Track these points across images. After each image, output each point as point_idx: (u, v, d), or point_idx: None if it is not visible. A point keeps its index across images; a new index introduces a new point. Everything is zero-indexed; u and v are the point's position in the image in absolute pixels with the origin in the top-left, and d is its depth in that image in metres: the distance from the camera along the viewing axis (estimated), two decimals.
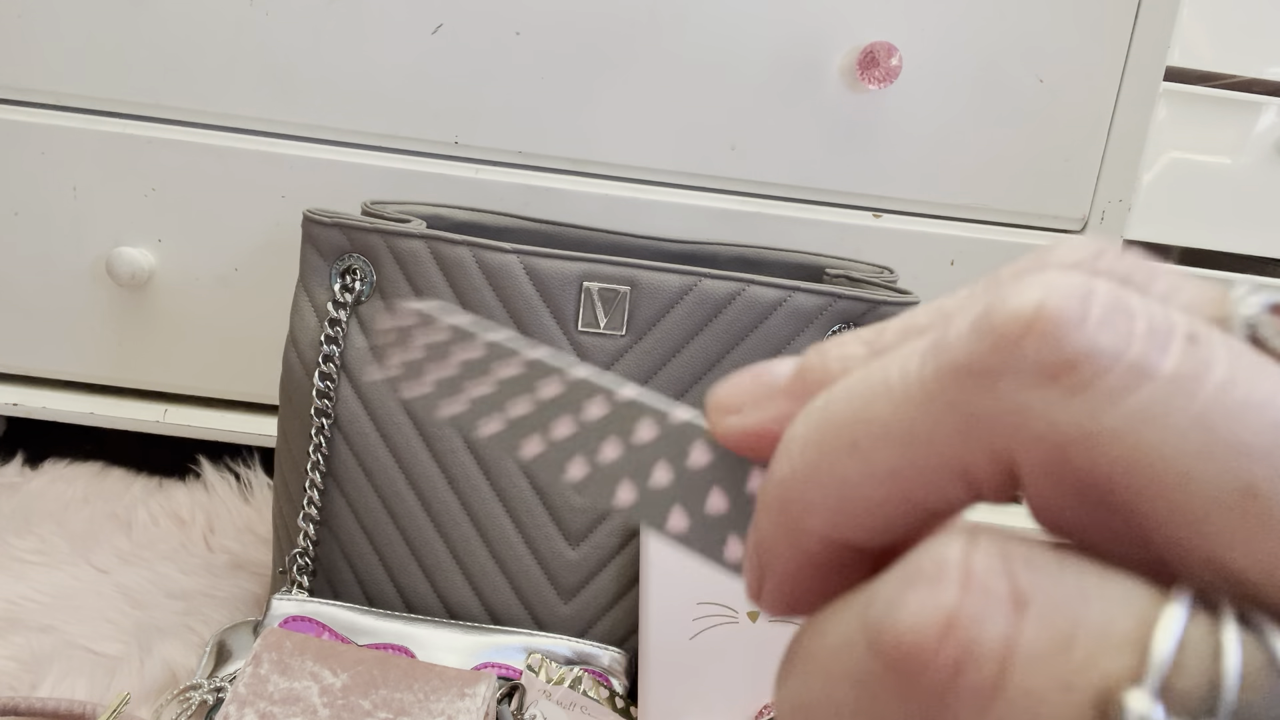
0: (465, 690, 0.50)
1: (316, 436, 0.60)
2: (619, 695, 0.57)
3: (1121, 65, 0.78)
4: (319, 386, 0.59)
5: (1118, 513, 0.13)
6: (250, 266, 0.78)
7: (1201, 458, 0.12)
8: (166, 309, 0.79)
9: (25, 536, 0.72)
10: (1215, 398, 0.12)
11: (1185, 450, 0.12)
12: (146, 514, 0.77)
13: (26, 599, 0.65)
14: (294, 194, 0.77)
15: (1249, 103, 0.81)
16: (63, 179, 0.76)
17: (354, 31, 0.74)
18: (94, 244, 0.78)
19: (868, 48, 0.74)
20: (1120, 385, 0.12)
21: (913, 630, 0.12)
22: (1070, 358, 0.12)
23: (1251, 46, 0.81)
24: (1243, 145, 0.82)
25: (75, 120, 0.76)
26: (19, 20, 0.74)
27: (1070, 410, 0.12)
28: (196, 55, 0.75)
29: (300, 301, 0.61)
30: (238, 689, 0.47)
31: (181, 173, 0.76)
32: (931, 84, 0.77)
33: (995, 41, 0.76)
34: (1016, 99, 0.78)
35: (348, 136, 0.77)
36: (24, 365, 0.81)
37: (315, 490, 0.60)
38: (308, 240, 0.61)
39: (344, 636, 0.57)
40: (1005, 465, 0.13)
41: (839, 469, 0.14)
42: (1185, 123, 0.82)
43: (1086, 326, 0.12)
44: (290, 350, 0.61)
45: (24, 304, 0.79)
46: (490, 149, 0.77)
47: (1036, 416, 0.12)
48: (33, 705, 0.55)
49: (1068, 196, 0.80)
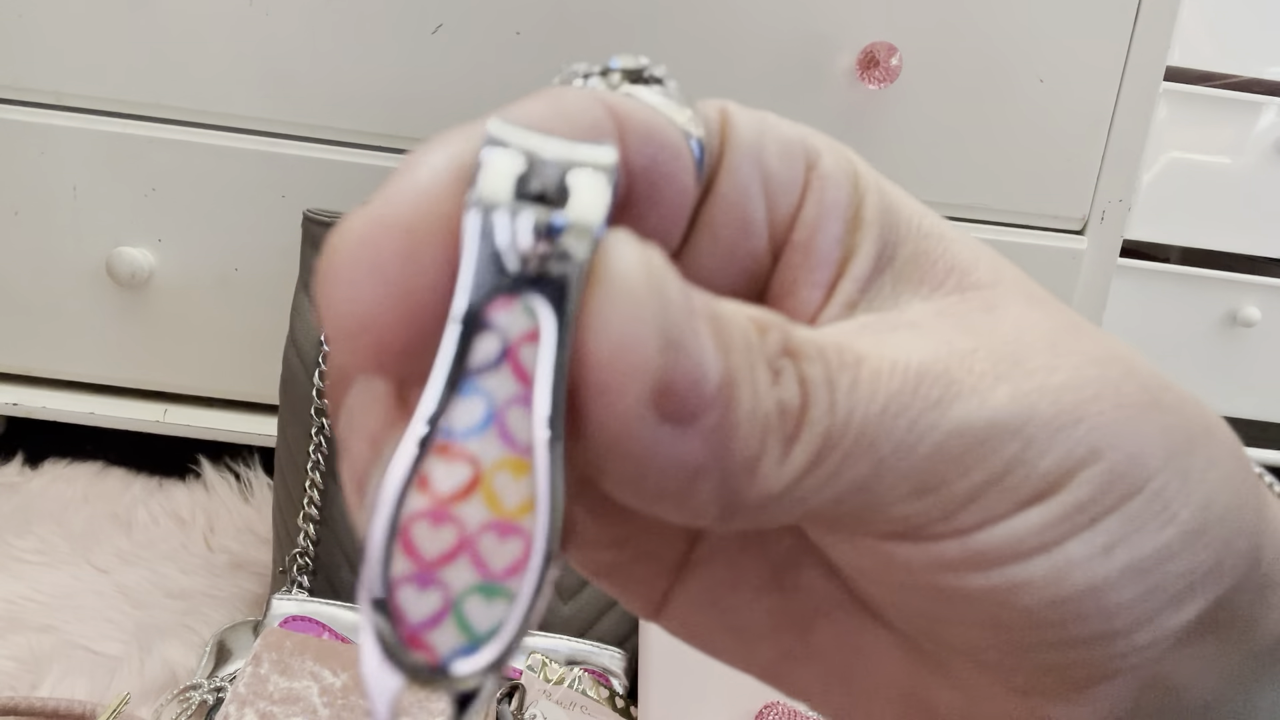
0: None
1: (316, 436, 0.60)
2: (619, 695, 0.57)
3: (1121, 65, 0.78)
4: (319, 386, 0.59)
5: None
6: (250, 266, 0.78)
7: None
8: (166, 309, 0.79)
9: (25, 536, 0.72)
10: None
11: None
12: (146, 514, 0.77)
13: (26, 599, 0.65)
14: (294, 194, 0.77)
15: (1249, 103, 0.81)
16: (63, 179, 0.76)
17: (354, 31, 0.74)
18: (94, 244, 0.78)
19: (868, 48, 0.74)
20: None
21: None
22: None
23: (1251, 46, 0.81)
24: (1243, 145, 0.82)
25: (75, 120, 0.76)
26: (19, 20, 0.74)
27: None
28: (196, 55, 0.75)
29: (300, 301, 0.61)
30: (238, 689, 0.47)
31: (181, 173, 0.76)
32: (931, 84, 0.77)
33: (995, 41, 0.76)
34: (1016, 99, 0.77)
35: (348, 136, 0.77)
36: (24, 365, 0.81)
37: (315, 490, 0.60)
38: (308, 240, 0.61)
39: (344, 636, 0.57)
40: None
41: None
42: (1185, 123, 0.82)
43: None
44: (290, 350, 0.61)
45: (24, 304, 0.79)
46: None
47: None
48: (33, 705, 0.55)
49: (1068, 196, 0.80)
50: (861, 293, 0.16)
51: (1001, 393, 0.14)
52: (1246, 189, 0.83)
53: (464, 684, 0.12)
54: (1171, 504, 0.14)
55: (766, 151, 0.16)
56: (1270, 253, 0.85)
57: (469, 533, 0.12)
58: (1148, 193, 0.83)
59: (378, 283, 0.12)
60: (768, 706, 0.57)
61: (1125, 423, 0.14)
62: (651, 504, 0.13)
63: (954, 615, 0.15)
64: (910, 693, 0.17)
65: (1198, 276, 0.85)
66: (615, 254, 0.12)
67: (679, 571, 0.18)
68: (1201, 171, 0.83)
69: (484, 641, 0.12)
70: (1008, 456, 0.14)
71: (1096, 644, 0.15)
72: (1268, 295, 0.85)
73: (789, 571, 0.18)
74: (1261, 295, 0.85)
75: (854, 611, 0.18)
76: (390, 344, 0.12)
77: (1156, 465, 0.14)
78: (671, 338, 0.12)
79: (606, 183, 0.13)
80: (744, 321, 0.13)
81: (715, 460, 0.13)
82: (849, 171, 0.16)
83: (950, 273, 0.16)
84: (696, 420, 0.12)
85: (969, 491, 0.14)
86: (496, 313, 0.12)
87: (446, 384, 0.12)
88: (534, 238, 0.12)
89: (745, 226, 0.16)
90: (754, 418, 0.13)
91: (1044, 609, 0.14)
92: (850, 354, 0.14)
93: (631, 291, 0.12)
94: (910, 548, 0.14)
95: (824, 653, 0.18)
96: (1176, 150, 0.82)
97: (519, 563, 0.12)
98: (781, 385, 0.13)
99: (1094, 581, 0.14)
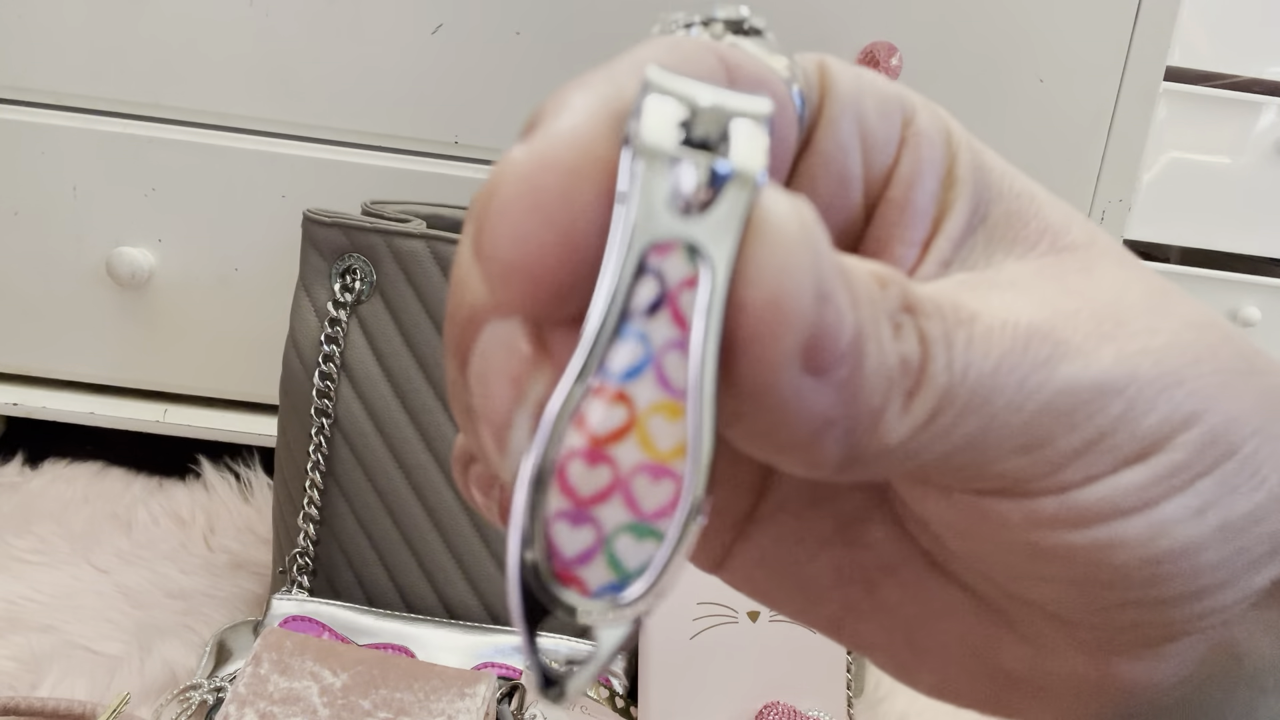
0: (465, 690, 0.50)
1: (316, 436, 0.60)
2: (619, 695, 0.57)
3: (1121, 65, 0.78)
4: (319, 386, 0.59)
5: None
6: (250, 266, 0.78)
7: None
8: (166, 309, 0.79)
9: (25, 536, 0.72)
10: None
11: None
12: (146, 514, 0.77)
13: (26, 599, 0.65)
14: (294, 194, 0.77)
15: (1249, 103, 0.81)
16: (63, 179, 0.76)
17: (354, 31, 0.74)
18: (94, 244, 0.78)
19: (868, 48, 0.74)
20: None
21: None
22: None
23: (1251, 46, 0.81)
24: (1243, 145, 0.82)
25: (75, 120, 0.76)
26: (19, 20, 0.74)
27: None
28: (196, 55, 0.75)
29: (300, 301, 0.61)
30: (238, 689, 0.47)
31: (181, 173, 0.76)
32: (931, 84, 0.77)
33: (995, 41, 0.76)
34: (1016, 99, 0.77)
35: (348, 136, 0.77)
36: (24, 365, 0.81)
37: (315, 490, 0.60)
38: (308, 240, 0.61)
39: (344, 636, 0.57)
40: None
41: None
42: (1185, 123, 0.82)
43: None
44: (290, 350, 0.61)
45: (24, 304, 0.79)
46: (490, 149, 0.77)
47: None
48: (33, 705, 0.55)
49: (1068, 196, 0.80)
50: (955, 251, 0.16)
51: (1107, 353, 0.14)
52: (1246, 189, 0.83)
53: (614, 618, 0.13)
54: (1263, 468, 0.15)
55: (865, 106, 0.16)
56: (1270, 253, 0.85)
57: (623, 473, 0.12)
58: (1148, 193, 0.83)
59: (539, 221, 0.12)
60: (768, 706, 0.57)
61: (1222, 387, 0.15)
62: (779, 453, 0.13)
63: (1044, 572, 0.15)
64: (977, 648, 0.18)
65: (1198, 276, 0.85)
66: (774, 205, 0.12)
67: (745, 525, 0.19)
68: (1201, 171, 0.83)
69: (632, 579, 0.13)
70: (1112, 416, 0.14)
71: (1181, 603, 0.15)
72: (1268, 295, 0.85)
73: (856, 527, 0.18)
74: (1261, 295, 0.85)
75: (922, 567, 0.18)
76: (546, 282, 0.12)
77: (1250, 430, 0.15)
78: (823, 290, 0.12)
79: (765, 133, 0.13)
80: (867, 276, 0.13)
81: (844, 412, 0.13)
82: (943, 129, 0.16)
83: (1044, 233, 0.16)
84: (831, 372, 0.12)
85: (1073, 449, 0.14)
86: (657, 258, 0.12)
87: (605, 326, 0.12)
88: (698, 185, 0.12)
89: (842, 181, 0.16)
90: (879, 372, 0.13)
91: (1137, 567, 0.15)
92: (965, 311, 0.14)
93: (790, 243, 0.12)
94: (1010, 504, 0.15)
95: (889, 607, 0.18)
96: (1176, 150, 0.82)
97: (669, 505, 0.12)
98: (903, 340, 0.13)
99: (1187, 542, 0.14)
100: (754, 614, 0.57)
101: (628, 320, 0.12)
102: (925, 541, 0.18)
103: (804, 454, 0.13)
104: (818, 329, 0.12)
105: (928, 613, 0.18)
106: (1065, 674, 0.17)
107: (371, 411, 0.60)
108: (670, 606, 0.57)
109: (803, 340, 0.12)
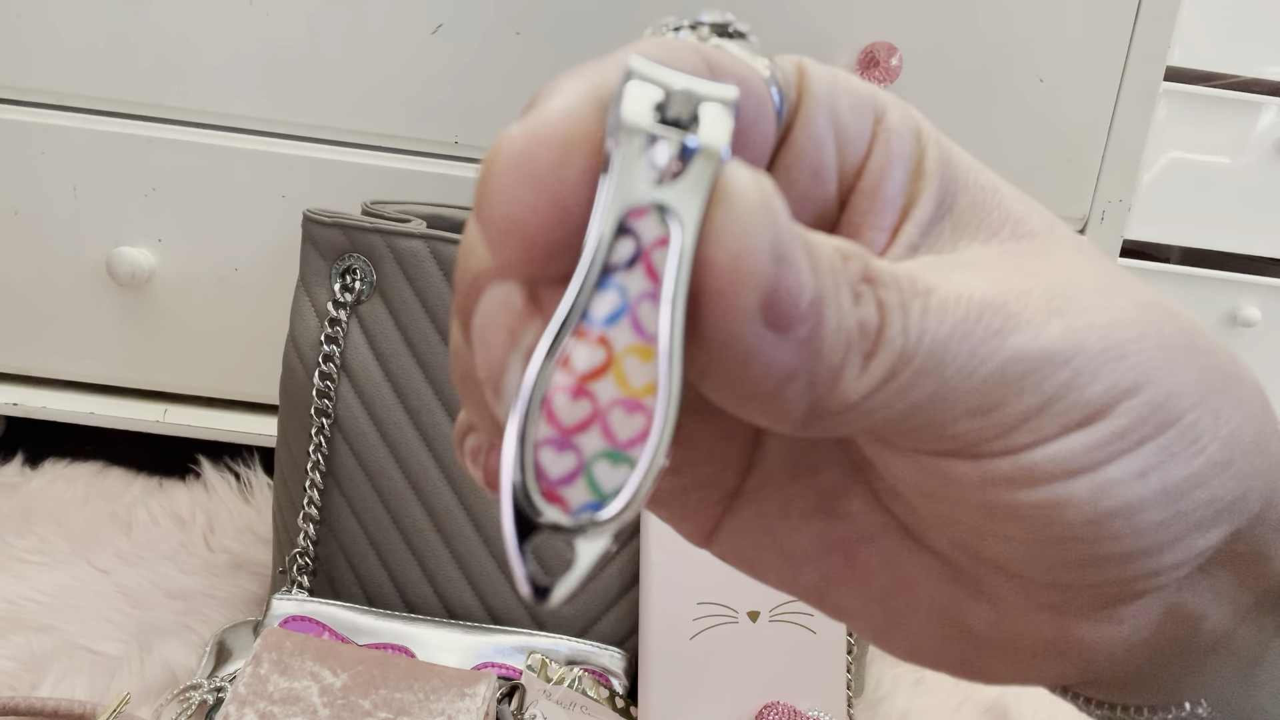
0: (465, 690, 0.50)
1: (316, 436, 0.60)
2: (619, 695, 0.57)
3: (1121, 65, 0.78)
4: (319, 386, 0.60)
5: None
6: (250, 266, 0.78)
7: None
8: (166, 309, 0.79)
9: (25, 536, 0.72)
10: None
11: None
12: (146, 514, 0.77)
13: (26, 599, 0.65)
14: (294, 194, 0.77)
15: (1249, 102, 0.81)
16: (63, 179, 0.76)
17: (354, 31, 0.74)
18: (94, 244, 0.78)
19: (868, 48, 0.74)
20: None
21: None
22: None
23: (1251, 46, 0.81)
24: (1243, 145, 0.82)
25: (75, 120, 0.76)
26: (19, 20, 0.74)
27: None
28: (196, 55, 0.75)
29: (300, 301, 0.61)
30: (238, 689, 0.47)
31: (181, 173, 0.76)
32: (931, 84, 0.77)
33: (995, 41, 0.76)
34: (1016, 99, 0.77)
35: (348, 136, 0.77)
36: (24, 365, 0.81)
37: (315, 490, 0.60)
38: (308, 240, 0.61)
39: (344, 636, 0.57)
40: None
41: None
42: (1185, 123, 0.82)
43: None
44: (290, 350, 0.61)
45: (24, 304, 0.79)
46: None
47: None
48: (33, 705, 0.55)
49: (1068, 196, 0.80)
50: (923, 236, 0.18)
51: (1055, 327, 0.15)
52: (1246, 189, 0.83)
53: (594, 531, 0.14)
54: (1202, 437, 0.16)
55: (839, 104, 0.17)
56: (1270, 253, 0.85)
57: (601, 406, 0.14)
58: (1148, 193, 0.83)
59: (533, 189, 0.14)
60: (768, 706, 0.57)
61: (1165, 361, 0.16)
62: (745, 404, 0.15)
63: (999, 530, 0.17)
64: (946, 611, 0.19)
65: (1198, 276, 0.85)
66: (736, 176, 0.14)
67: (732, 500, 0.20)
68: (1201, 171, 0.83)
69: (609, 499, 0.14)
70: (1058, 384, 0.15)
71: (1127, 561, 0.16)
72: (1268, 295, 0.85)
73: (836, 499, 0.20)
74: (1261, 295, 0.85)
75: (896, 536, 0.20)
76: (539, 243, 0.14)
77: (1190, 401, 0.16)
78: (780, 253, 0.13)
79: (730, 115, 0.14)
80: (830, 249, 0.15)
81: (805, 367, 0.14)
82: (913, 126, 0.18)
83: (1006, 221, 0.18)
84: (792, 329, 0.14)
85: (1022, 413, 0.15)
86: (634, 220, 0.14)
87: (588, 278, 0.14)
88: (670, 157, 0.14)
89: (817, 172, 0.17)
90: (838, 333, 0.14)
91: (1083, 525, 0.16)
92: (921, 283, 0.15)
93: (750, 208, 0.13)
94: (965, 464, 0.16)
95: (866, 575, 0.20)
96: (1176, 150, 0.82)
97: (641, 434, 0.14)
98: (862, 307, 0.14)
99: (1129, 502, 0.16)
100: (754, 614, 0.57)
101: (609, 274, 0.14)
102: (899, 511, 0.19)
103: (769, 405, 0.14)
104: (777, 287, 0.13)
105: (902, 579, 0.20)
106: (1029, 635, 0.18)
107: (371, 411, 0.60)
108: (670, 607, 0.57)
109: (761, 295, 0.13)
